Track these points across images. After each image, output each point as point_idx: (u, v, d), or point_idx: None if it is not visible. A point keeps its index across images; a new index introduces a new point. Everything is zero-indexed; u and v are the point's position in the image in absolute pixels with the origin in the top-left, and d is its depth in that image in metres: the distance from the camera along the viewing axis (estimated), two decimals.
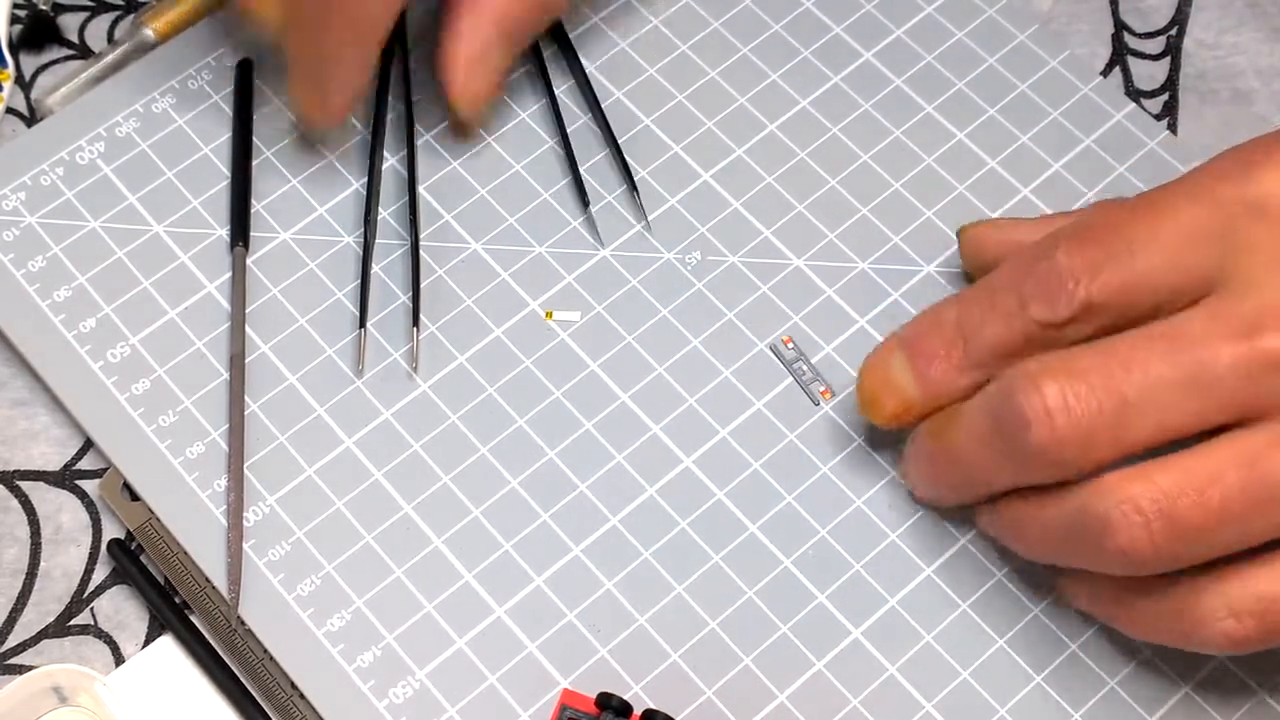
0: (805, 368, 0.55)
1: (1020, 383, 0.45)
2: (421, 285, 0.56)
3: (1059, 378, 0.44)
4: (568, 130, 0.59)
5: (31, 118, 0.61)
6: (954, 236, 0.57)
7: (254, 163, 0.59)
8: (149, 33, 0.61)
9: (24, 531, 0.54)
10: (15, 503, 0.54)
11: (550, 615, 0.51)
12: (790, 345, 0.55)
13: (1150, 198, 0.46)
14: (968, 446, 0.48)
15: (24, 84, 0.62)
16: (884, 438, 0.54)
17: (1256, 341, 0.42)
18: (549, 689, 0.50)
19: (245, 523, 0.52)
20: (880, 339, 0.55)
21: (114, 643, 0.52)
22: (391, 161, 0.59)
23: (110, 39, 0.63)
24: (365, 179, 0.58)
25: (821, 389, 0.55)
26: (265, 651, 0.51)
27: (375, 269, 0.57)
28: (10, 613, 0.53)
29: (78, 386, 0.55)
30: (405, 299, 0.56)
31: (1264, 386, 0.43)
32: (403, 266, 0.57)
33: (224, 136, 0.59)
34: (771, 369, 0.55)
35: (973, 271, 0.55)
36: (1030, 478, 0.46)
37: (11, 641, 0.52)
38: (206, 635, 0.51)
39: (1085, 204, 0.58)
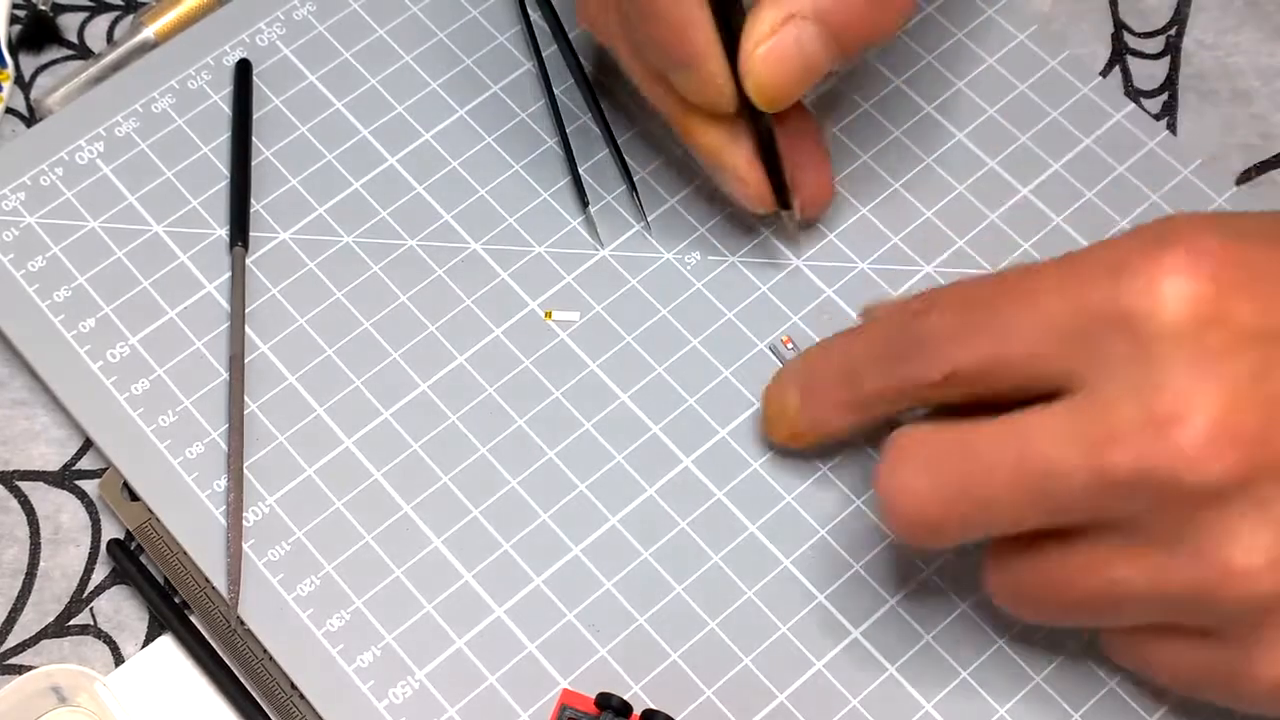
0: None
1: (885, 454, 0.46)
2: (423, 284, 0.56)
3: (912, 461, 0.45)
4: (568, 130, 0.59)
5: (31, 118, 0.61)
6: (954, 237, 0.57)
7: (254, 163, 0.59)
8: (149, 33, 0.61)
9: (24, 531, 0.54)
10: (15, 503, 0.54)
11: (550, 615, 0.51)
12: (790, 345, 0.55)
13: (1027, 279, 0.45)
14: None
15: (24, 84, 0.62)
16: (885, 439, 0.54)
17: (1105, 463, 0.42)
18: (549, 689, 0.50)
19: (245, 523, 0.52)
20: None
21: (114, 643, 0.52)
22: (392, 161, 0.59)
23: (110, 39, 0.63)
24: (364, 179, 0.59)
25: None
26: (265, 651, 0.51)
27: (376, 268, 0.57)
28: (10, 613, 0.53)
29: (77, 386, 0.55)
30: (405, 298, 0.56)
31: (1111, 507, 0.43)
32: (405, 265, 0.57)
33: (224, 136, 0.59)
34: (771, 369, 0.55)
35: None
36: None
37: (11, 641, 0.52)
38: (206, 635, 0.51)
39: (1085, 204, 0.58)
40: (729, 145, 0.53)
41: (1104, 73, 0.61)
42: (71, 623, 0.52)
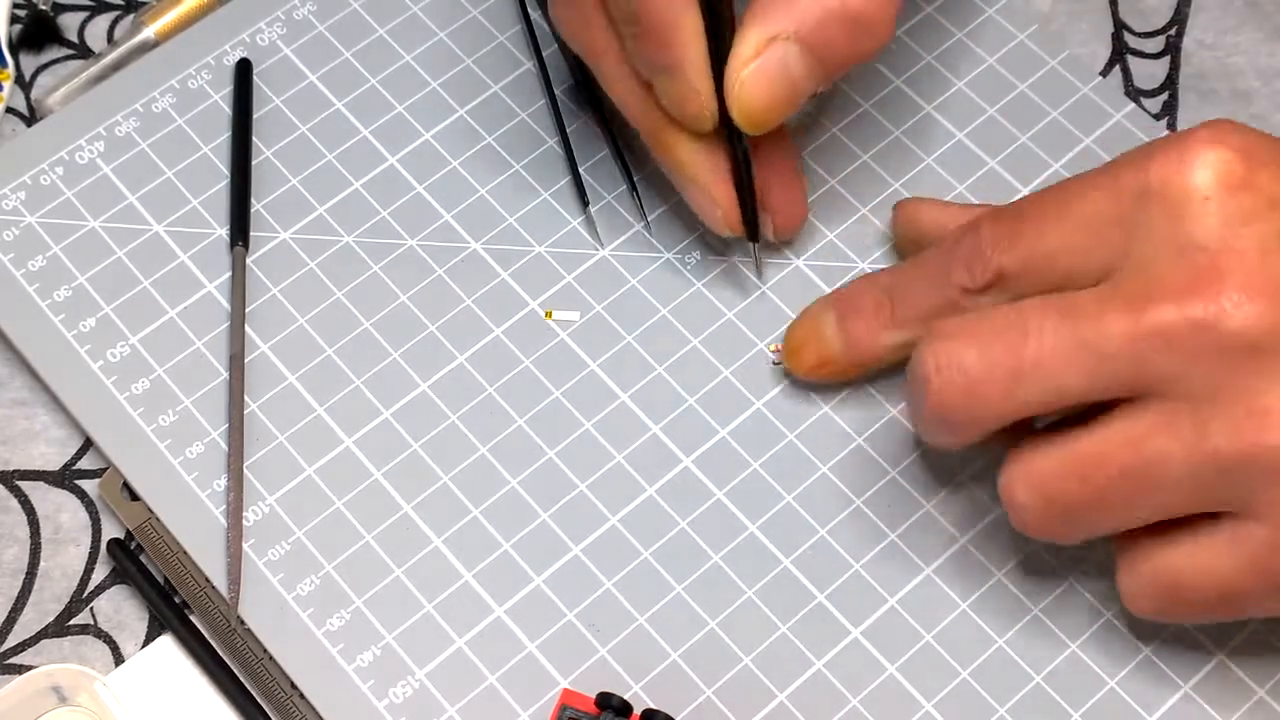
0: None
1: (925, 339, 0.46)
2: (423, 284, 0.57)
3: (956, 338, 0.46)
4: (568, 130, 0.59)
5: (31, 117, 0.61)
6: None
7: (254, 163, 0.59)
8: (149, 32, 0.62)
9: (24, 531, 0.54)
10: (15, 503, 0.54)
11: (550, 615, 0.51)
12: (777, 352, 0.55)
13: (1066, 184, 0.48)
14: (908, 400, 0.50)
15: (24, 84, 0.62)
16: (885, 438, 0.54)
17: (1145, 317, 0.43)
18: (549, 689, 0.50)
19: (245, 522, 0.52)
20: None
21: (114, 642, 0.52)
22: (392, 161, 0.59)
23: (110, 39, 0.63)
24: (361, 180, 0.59)
25: None
26: (265, 651, 0.51)
27: (376, 268, 0.57)
28: (10, 612, 0.53)
29: (78, 386, 0.55)
30: (405, 298, 0.56)
31: (1152, 362, 0.44)
32: (405, 265, 0.57)
33: (224, 136, 0.59)
34: (771, 369, 0.55)
35: (901, 244, 0.57)
36: (939, 441, 0.48)
37: (11, 641, 0.52)
38: (206, 635, 0.51)
39: None
40: (704, 163, 0.53)
41: (1104, 72, 0.61)
42: (72, 622, 0.52)
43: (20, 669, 0.51)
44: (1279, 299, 0.43)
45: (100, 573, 0.53)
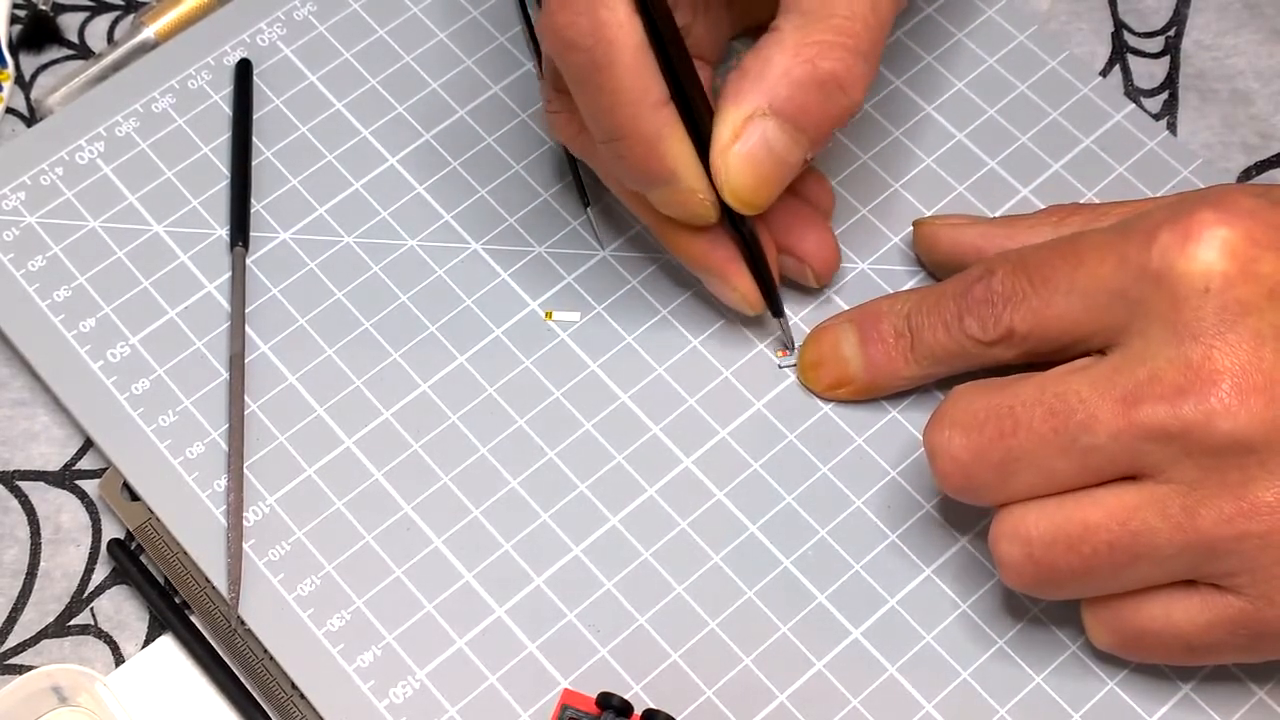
0: None
1: (931, 421, 0.47)
2: (423, 284, 0.57)
3: (952, 426, 0.47)
4: None
5: (31, 118, 0.61)
6: None
7: (254, 163, 0.59)
8: (149, 33, 0.62)
9: (24, 531, 0.54)
10: (15, 503, 0.54)
11: (550, 615, 0.51)
12: (786, 357, 0.55)
13: (1078, 240, 0.48)
14: None
15: (24, 84, 0.62)
16: (885, 438, 0.54)
17: (1135, 412, 0.44)
18: (549, 689, 0.50)
19: (245, 523, 0.52)
20: None
21: (114, 643, 0.52)
22: (393, 161, 0.59)
23: (110, 39, 0.63)
24: (366, 178, 0.59)
25: None
26: (265, 651, 0.51)
27: (376, 268, 0.57)
28: (10, 613, 0.53)
29: (78, 386, 0.55)
30: (405, 298, 0.56)
31: (1143, 453, 0.44)
32: (405, 265, 0.57)
33: (224, 136, 0.59)
34: (772, 369, 0.55)
35: (925, 262, 0.57)
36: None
37: (11, 641, 0.52)
38: (206, 635, 0.51)
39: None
40: (713, 251, 0.53)
41: (1104, 72, 0.61)
42: (72, 623, 0.52)
43: (20, 669, 0.51)
44: (1269, 395, 0.43)
45: (100, 573, 0.53)
